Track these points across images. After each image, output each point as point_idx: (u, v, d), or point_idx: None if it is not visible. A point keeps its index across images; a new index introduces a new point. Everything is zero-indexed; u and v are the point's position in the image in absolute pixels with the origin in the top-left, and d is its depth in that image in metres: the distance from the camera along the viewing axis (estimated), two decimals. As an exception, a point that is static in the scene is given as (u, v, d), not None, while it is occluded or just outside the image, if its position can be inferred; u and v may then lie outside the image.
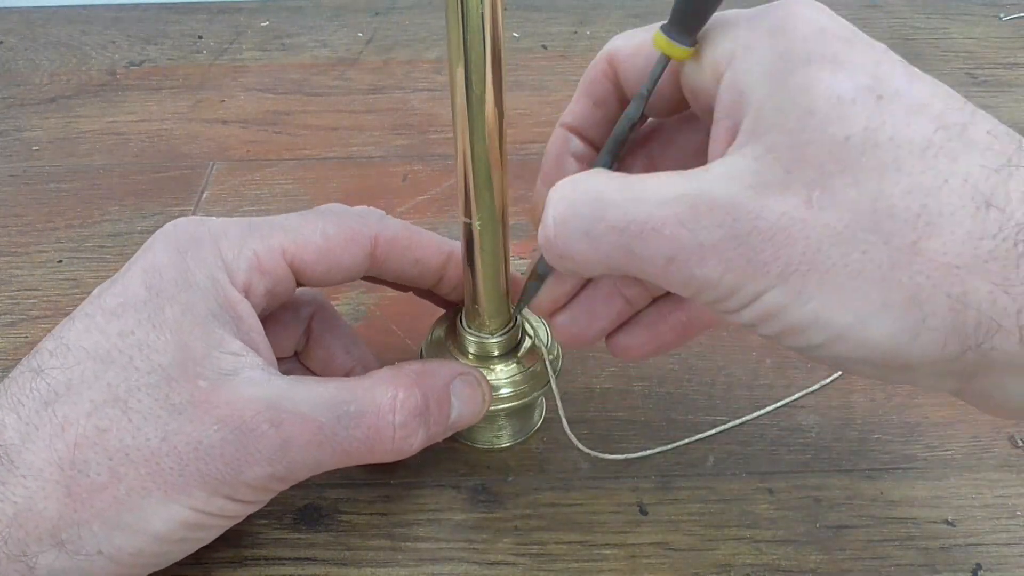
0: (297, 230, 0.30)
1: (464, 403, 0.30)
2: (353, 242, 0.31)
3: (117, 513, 0.26)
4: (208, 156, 0.52)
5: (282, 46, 0.63)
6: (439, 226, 0.45)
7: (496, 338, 0.33)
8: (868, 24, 0.64)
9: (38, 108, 0.57)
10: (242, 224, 0.30)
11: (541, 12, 0.66)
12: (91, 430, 0.26)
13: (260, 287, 0.29)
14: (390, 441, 0.28)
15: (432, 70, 0.60)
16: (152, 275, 0.28)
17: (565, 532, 0.32)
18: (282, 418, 0.27)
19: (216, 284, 0.28)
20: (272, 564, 0.31)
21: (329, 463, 0.28)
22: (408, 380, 0.29)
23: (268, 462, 0.27)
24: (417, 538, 0.32)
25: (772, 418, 0.36)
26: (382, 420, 0.28)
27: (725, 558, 0.31)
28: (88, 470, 0.26)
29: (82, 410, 0.26)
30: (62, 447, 0.26)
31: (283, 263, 0.30)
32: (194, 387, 0.26)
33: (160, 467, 0.26)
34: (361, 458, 0.28)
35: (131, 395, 0.26)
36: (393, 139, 0.53)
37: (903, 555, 0.31)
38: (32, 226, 0.47)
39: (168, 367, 0.26)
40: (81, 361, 0.27)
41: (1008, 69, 0.58)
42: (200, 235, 0.29)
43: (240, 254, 0.29)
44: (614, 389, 0.37)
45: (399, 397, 0.28)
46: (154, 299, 0.27)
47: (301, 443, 0.27)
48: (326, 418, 0.27)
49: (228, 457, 0.26)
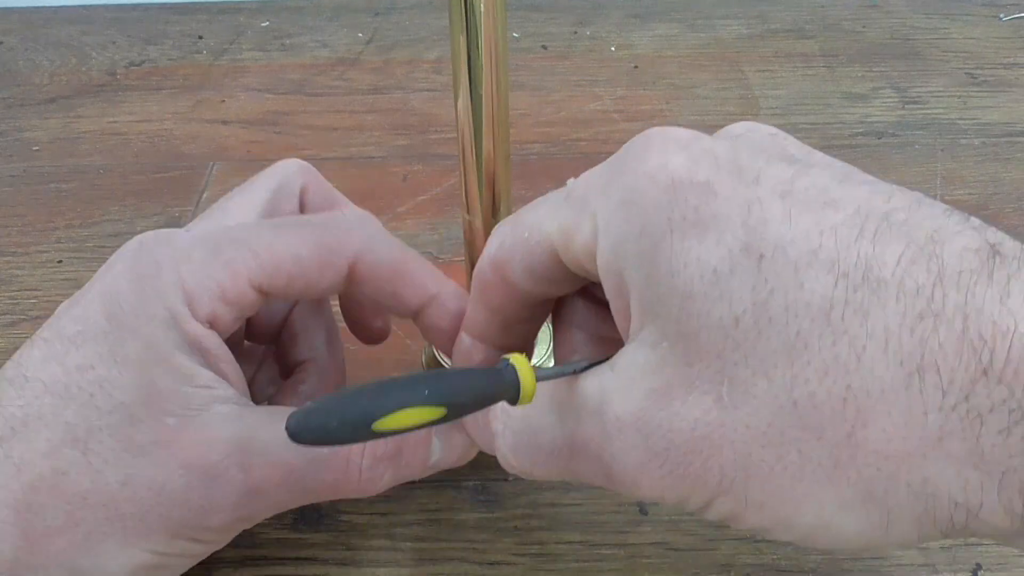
0: (268, 250, 0.27)
1: (448, 447, 0.28)
2: (329, 266, 0.28)
3: (72, 558, 0.25)
4: (208, 156, 0.52)
5: (282, 46, 0.63)
6: (439, 226, 0.45)
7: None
8: (868, 24, 0.64)
9: (38, 108, 0.57)
10: (208, 244, 0.27)
11: (541, 12, 0.66)
12: (48, 472, 0.25)
13: (227, 316, 0.27)
14: (356, 483, 0.27)
15: (432, 70, 0.60)
16: (112, 303, 0.26)
17: (565, 532, 0.32)
18: (252, 462, 0.26)
19: (176, 318, 0.26)
20: (272, 564, 0.31)
21: (292, 503, 0.27)
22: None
23: (234, 507, 0.26)
24: (417, 538, 0.32)
25: (772, 418, 0.36)
26: (351, 463, 0.27)
27: (725, 558, 0.31)
28: (44, 514, 0.25)
29: (39, 450, 0.25)
30: (17, 488, 0.25)
31: (249, 291, 0.27)
32: (160, 425, 0.25)
33: (120, 512, 0.25)
34: (323, 497, 0.27)
35: (91, 436, 0.25)
36: (393, 139, 0.53)
37: (903, 555, 0.31)
38: (32, 226, 0.47)
39: (131, 405, 0.25)
40: (39, 395, 0.25)
41: (1008, 69, 0.58)
42: (161, 259, 0.27)
43: (203, 284, 0.26)
44: (614, 389, 0.37)
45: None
46: (115, 331, 0.26)
47: (269, 487, 0.26)
48: (298, 461, 0.26)
49: (193, 504, 0.25)
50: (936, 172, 0.49)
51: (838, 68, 0.59)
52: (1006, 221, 0.46)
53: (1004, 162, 0.50)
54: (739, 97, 0.56)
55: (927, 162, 0.50)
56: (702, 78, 0.58)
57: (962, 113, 0.54)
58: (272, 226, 0.28)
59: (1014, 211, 0.46)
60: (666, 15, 0.66)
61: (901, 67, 0.59)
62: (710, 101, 0.56)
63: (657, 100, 0.56)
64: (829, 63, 0.59)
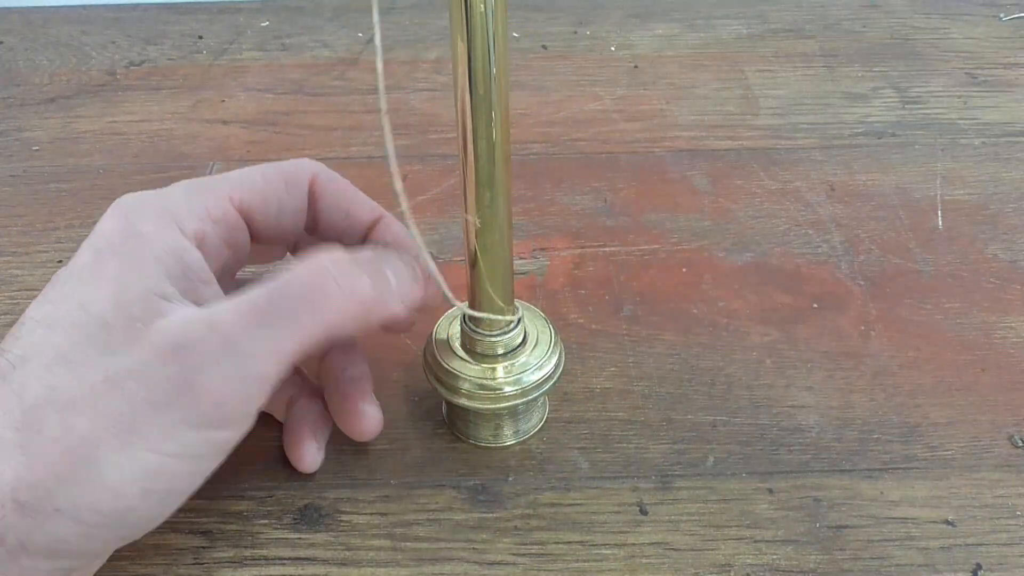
0: (239, 179, 0.31)
1: (396, 268, 0.30)
2: (292, 184, 0.32)
3: (71, 467, 0.25)
4: (208, 156, 0.52)
5: (282, 46, 0.63)
6: (439, 226, 0.45)
7: (499, 336, 0.33)
8: (868, 24, 0.64)
9: (38, 108, 0.57)
10: (186, 183, 0.31)
11: (541, 12, 0.66)
12: (42, 390, 0.26)
13: (215, 236, 0.30)
14: (335, 288, 0.27)
15: (432, 70, 0.60)
16: (97, 239, 0.29)
17: (565, 532, 0.32)
18: (216, 319, 0.27)
19: (161, 232, 0.28)
20: (272, 564, 0.31)
21: (288, 344, 0.27)
22: (332, 251, 0.29)
23: (215, 362, 0.26)
24: (417, 538, 0.32)
25: (772, 418, 0.36)
26: (318, 273, 0.27)
27: (725, 558, 0.31)
28: (42, 427, 0.25)
29: (34, 374, 0.26)
30: (18, 412, 0.26)
31: (232, 210, 0.30)
32: (130, 328, 0.26)
33: (108, 410, 0.25)
34: (316, 321, 0.27)
35: (74, 350, 0.26)
36: (393, 139, 0.53)
37: (903, 555, 0.31)
38: (32, 226, 0.47)
39: (106, 314, 0.27)
40: (32, 331, 0.27)
41: (1008, 69, 0.58)
42: (146, 198, 0.30)
43: (189, 206, 0.29)
44: (614, 389, 0.37)
45: (325, 256, 0.28)
46: (97, 259, 0.28)
47: (242, 331, 0.26)
48: (262, 300, 0.27)
49: (172, 374, 0.26)
50: (936, 172, 0.49)
51: (838, 68, 0.59)
52: (1006, 221, 0.46)
53: (1004, 162, 0.50)
54: (739, 97, 0.56)
55: (927, 162, 0.50)
56: (702, 78, 0.58)
57: (962, 113, 0.54)
58: (236, 171, 0.32)
59: (1014, 211, 0.46)
60: (666, 15, 0.66)
61: (901, 67, 0.59)
62: (710, 101, 0.56)
63: (657, 100, 0.56)
64: (829, 63, 0.59)
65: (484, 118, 0.27)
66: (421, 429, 0.36)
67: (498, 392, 0.32)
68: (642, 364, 0.38)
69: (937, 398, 0.36)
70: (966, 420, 0.35)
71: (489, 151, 0.28)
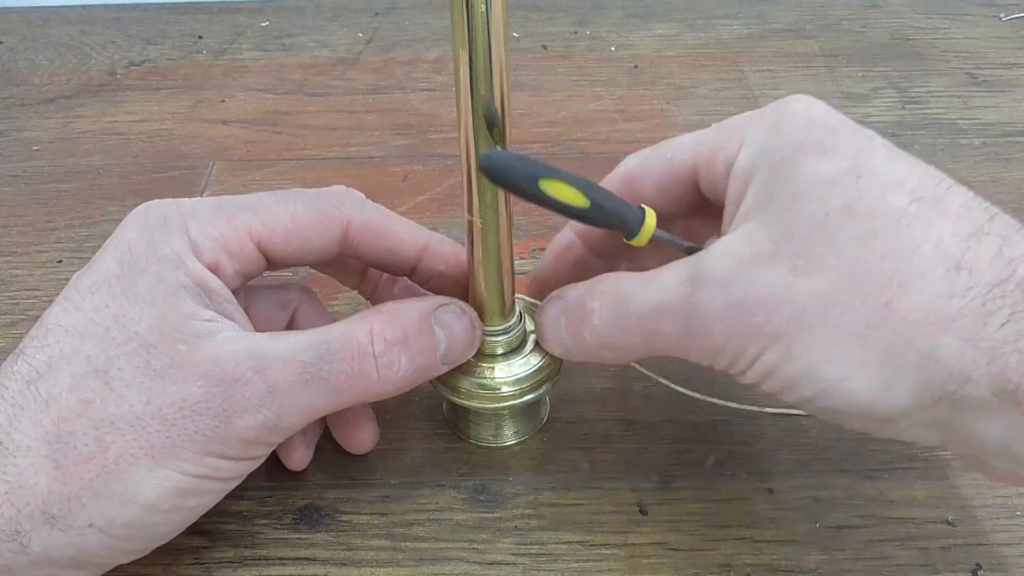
0: (266, 211, 0.30)
1: (451, 331, 0.30)
2: (323, 225, 0.31)
3: (106, 483, 0.26)
4: (208, 156, 0.52)
5: (282, 46, 0.63)
6: (439, 226, 0.45)
7: (499, 336, 0.33)
8: (868, 24, 0.64)
9: (38, 108, 0.57)
10: (211, 204, 0.30)
11: (541, 12, 0.66)
12: (74, 403, 0.26)
13: (229, 267, 0.29)
14: (374, 371, 0.28)
15: (432, 70, 0.60)
16: (123, 251, 0.28)
17: (565, 532, 0.32)
18: (265, 364, 0.27)
19: (182, 258, 0.28)
20: (272, 564, 0.31)
21: (319, 404, 0.28)
22: (383, 315, 0.29)
23: (256, 409, 0.27)
24: (417, 538, 0.32)
25: (772, 418, 0.36)
26: (362, 351, 0.28)
27: (725, 558, 0.31)
28: (75, 441, 0.26)
29: (64, 384, 0.26)
30: (48, 422, 0.26)
31: (250, 244, 0.30)
32: (173, 351, 0.27)
33: (146, 431, 0.26)
34: (350, 394, 0.28)
35: (111, 365, 0.26)
36: (393, 139, 0.53)
37: (903, 555, 0.31)
38: (32, 226, 0.47)
39: (145, 334, 0.27)
40: (60, 339, 0.27)
41: (1008, 69, 0.58)
42: (168, 214, 0.29)
43: (206, 233, 0.29)
44: (614, 389, 0.37)
45: (375, 329, 0.28)
46: (127, 273, 0.28)
47: (287, 385, 0.27)
48: (308, 358, 0.27)
49: (215, 410, 0.26)
50: (936, 172, 0.49)
51: (838, 68, 0.59)
52: (1006, 221, 0.46)
53: (1004, 162, 0.50)
54: (739, 97, 0.56)
55: (927, 162, 0.50)
56: (702, 78, 0.58)
57: (962, 113, 0.54)
58: (271, 195, 0.31)
59: (1014, 211, 0.46)
60: (666, 15, 0.66)
61: (901, 67, 0.59)
62: (710, 101, 0.56)
63: (657, 100, 0.56)
64: (829, 63, 0.59)
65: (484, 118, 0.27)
66: (421, 429, 0.36)
67: (497, 392, 0.32)
68: (642, 364, 0.38)
69: (937, 398, 0.36)
70: (966, 420, 0.35)
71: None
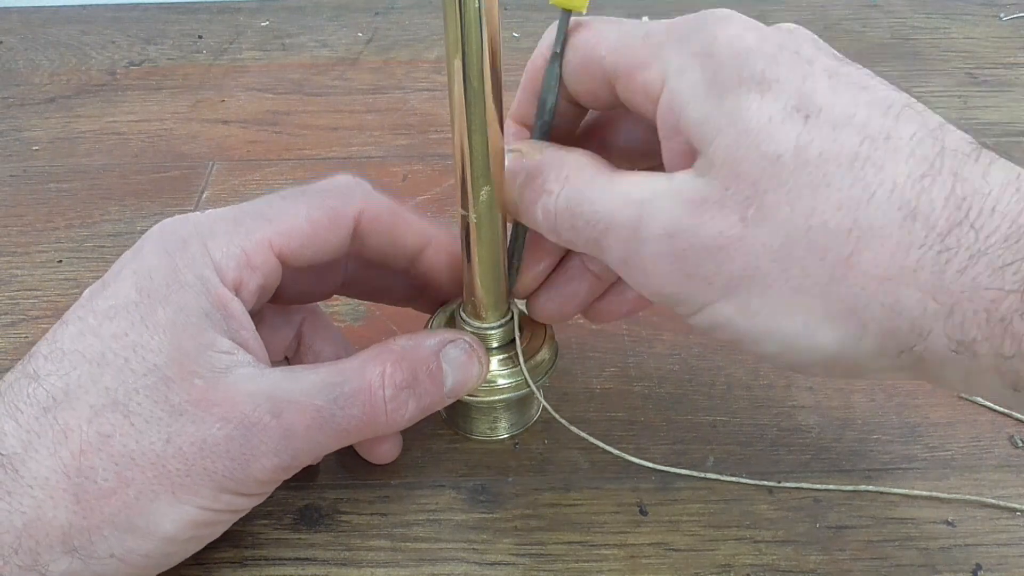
0: (282, 218, 0.30)
1: (458, 369, 0.30)
2: (337, 223, 0.31)
3: (127, 518, 0.26)
4: (208, 156, 0.52)
5: (282, 46, 0.63)
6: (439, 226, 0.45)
7: (494, 329, 0.33)
8: (868, 24, 0.64)
9: (38, 108, 0.57)
10: (228, 219, 0.30)
11: (541, 12, 0.66)
12: (94, 436, 0.26)
13: (251, 283, 0.29)
14: (383, 415, 0.29)
15: (432, 70, 0.60)
16: (142, 277, 0.28)
17: (565, 532, 0.32)
18: (281, 408, 0.27)
19: (206, 283, 0.28)
20: (272, 564, 0.31)
21: (331, 445, 0.28)
22: (395, 356, 0.29)
23: (274, 453, 0.27)
24: (417, 538, 0.32)
25: (772, 418, 0.36)
26: (374, 396, 0.28)
27: (725, 558, 0.31)
28: (95, 476, 0.26)
29: (83, 416, 0.26)
30: (67, 455, 0.26)
31: (271, 256, 0.29)
32: (191, 386, 0.27)
33: (167, 469, 0.26)
34: (359, 435, 0.29)
35: (130, 398, 0.26)
36: (393, 139, 0.53)
37: (903, 555, 0.31)
38: (32, 226, 0.47)
39: (164, 367, 0.27)
40: (77, 365, 0.27)
41: (1008, 69, 0.58)
42: (187, 236, 0.29)
43: (228, 252, 0.29)
44: (614, 389, 0.37)
45: (387, 372, 0.29)
46: (145, 301, 0.27)
47: (302, 429, 0.27)
48: (323, 401, 0.28)
49: (234, 453, 0.27)
50: (936, 172, 0.49)
51: (838, 68, 0.59)
52: (1006, 221, 0.46)
53: (1004, 162, 0.50)
54: (739, 97, 0.56)
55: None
56: (702, 78, 0.58)
57: (962, 113, 0.54)
58: (281, 197, 0.31)
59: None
60: (666, 15, 0.66)
61: (901, 67, 0.59)
62: (710, 101, 0.56)
63: (657, 100, 0.56)
64: (829, 63, 0.59)
65: (478, 112, 0.27)
66: (421, 429, 0.36)
67: (491, 384, 0.33)
68: (642, 364, 0.38)
69: (937, 398, 0.36)
70: (966, 420, 0.35)
71: (483, 146, 0.28)
